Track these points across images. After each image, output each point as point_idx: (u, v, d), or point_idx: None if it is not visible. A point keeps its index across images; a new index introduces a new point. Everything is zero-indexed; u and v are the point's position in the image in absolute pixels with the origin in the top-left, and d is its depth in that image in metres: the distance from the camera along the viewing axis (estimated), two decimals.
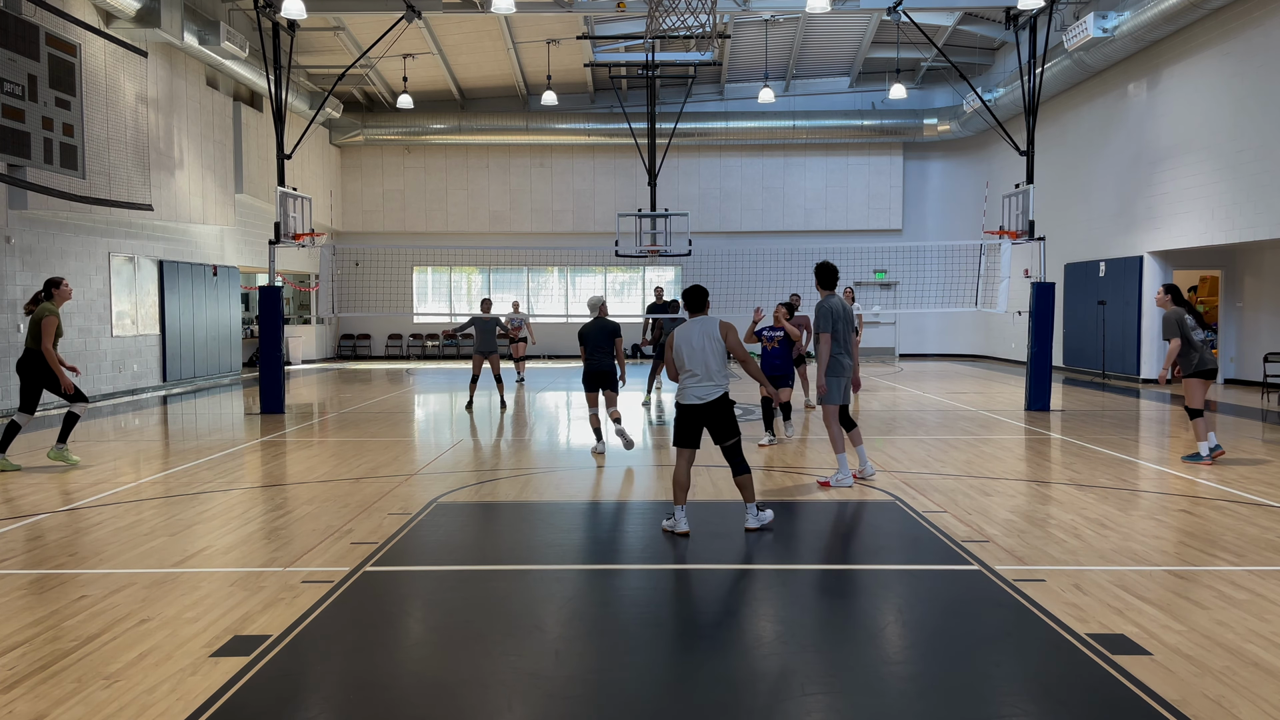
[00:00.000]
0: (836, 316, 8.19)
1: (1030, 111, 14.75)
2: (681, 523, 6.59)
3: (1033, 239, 14.48)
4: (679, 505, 6.64)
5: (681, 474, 6.67)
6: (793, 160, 27.57)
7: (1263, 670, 4.17)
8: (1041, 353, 14.16)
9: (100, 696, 3.93)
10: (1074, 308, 20.86)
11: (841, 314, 8.24)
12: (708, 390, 6.56)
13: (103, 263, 16.35)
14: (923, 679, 4.14)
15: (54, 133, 11.62)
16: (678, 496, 6.64)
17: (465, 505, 7.69)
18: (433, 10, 17.56)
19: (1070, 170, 21.29)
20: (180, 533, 6.75)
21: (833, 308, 8.19)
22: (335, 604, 5.13)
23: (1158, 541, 6.37)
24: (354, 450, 10.50)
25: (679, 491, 6.64)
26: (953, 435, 11.54)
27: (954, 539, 6.44)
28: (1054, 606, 5.00)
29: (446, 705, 3.91)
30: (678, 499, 6.64)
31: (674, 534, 6.59)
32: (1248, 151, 15.32)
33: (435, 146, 27.37)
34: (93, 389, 16.04)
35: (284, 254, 21.21)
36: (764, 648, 4.53)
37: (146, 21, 15.45)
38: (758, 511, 6.76)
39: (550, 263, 28.39)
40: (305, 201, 15.64)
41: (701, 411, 6.60)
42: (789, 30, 23.54)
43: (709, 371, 6.57)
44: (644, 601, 5.27)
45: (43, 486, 8.50)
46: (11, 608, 5.10)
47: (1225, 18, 15.76)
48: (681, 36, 12.77)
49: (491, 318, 15.05)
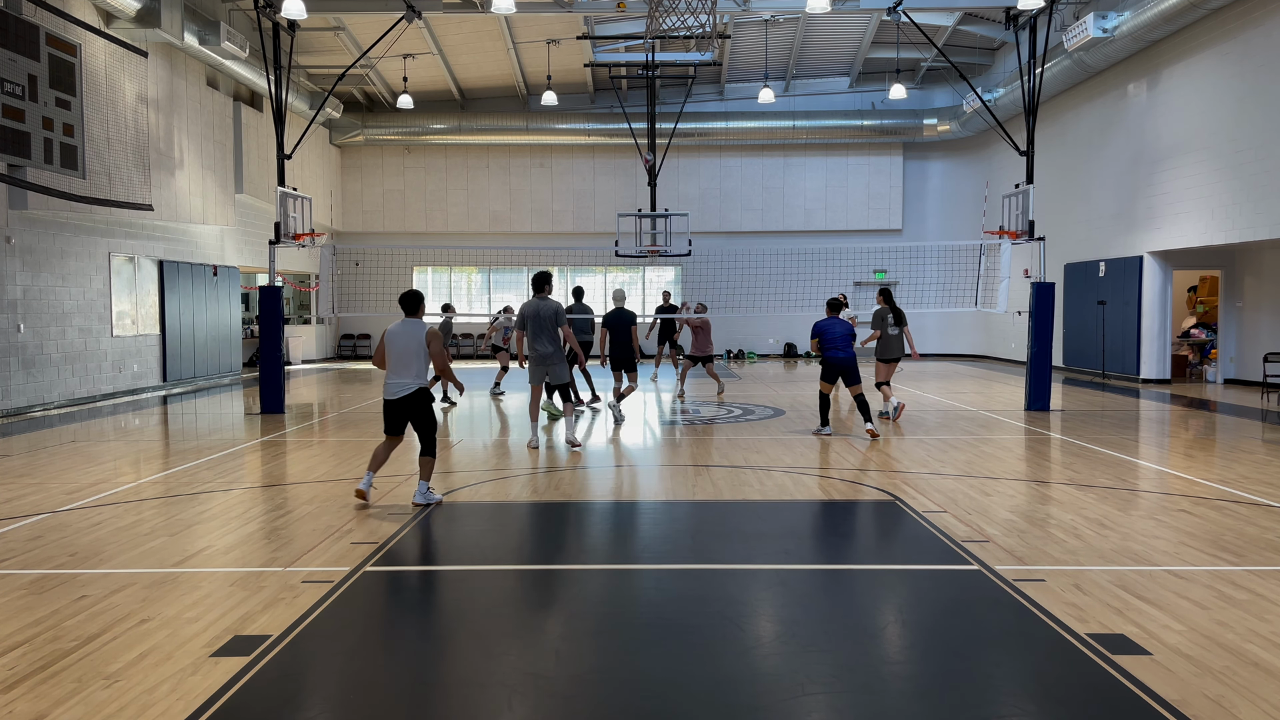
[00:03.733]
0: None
1: (1030, 111, 14.75)
2: (365, 481, 7.52)
3: (1032, 239, 14.48)
4: (369, 470, 7.61)
5: (381, 451, 7.71)
6: (793, 160, 27.57)
7: (1263, 670, 4.17)
8: (1041, 353, 14.16)
9: (100, 696, 3.93)
10: (1074, 308, 20.86)
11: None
12: (404, 386, 7.44)
13: (103, 263, 16.35)
14: (923, 679, 4.14)
15: (54, 133, 11.62)
16: (371, 464, 7.65)
17: (465, 505, 7.70)
18: (433, 10, 17.56)
19: (1070, 170, 21.29)
20: (180, 533, 6.75)
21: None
22: (335, 604, 5.13)
23: (1158, 541, 6.37)
24: (354, 450, 10.50)
25: (373, 461, 7.65)
26: (953, 435, 11.54)
27: (954, 539, 6.45)
28: (1054, 606, 5.00)
29: (446, 705, 3.91)
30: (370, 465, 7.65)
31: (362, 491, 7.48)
32: (1248, 151, 15.32)
33: (435, 146, 27.37)
34: (93, 389, 16.05)
35: (284, 254, 21.21)
36: (764, 648, 4.53)
37: (146, 21, 15.44)
38: (427, 490, 7.53)
39: (550, 263, 28.37)
40: (305, 201, 15.64)
41: (397, 406, 7.49)
42: (789, 30, 23.54)
43: (408, 369, 7.41)
44: (645, 601, 5.28)
45: (43, 486, 8.50)
46: (11, 608, 5.10)
47: (1225, 18, 15.76)
48: (681, 36, 12.78)
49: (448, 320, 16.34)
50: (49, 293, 14.89)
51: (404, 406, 7.49)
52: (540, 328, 10.17)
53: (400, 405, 7.49)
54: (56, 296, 15.08)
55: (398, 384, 7.46)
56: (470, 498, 7.98)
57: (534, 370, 10.42)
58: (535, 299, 10.28)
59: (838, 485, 8.43)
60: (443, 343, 7.57)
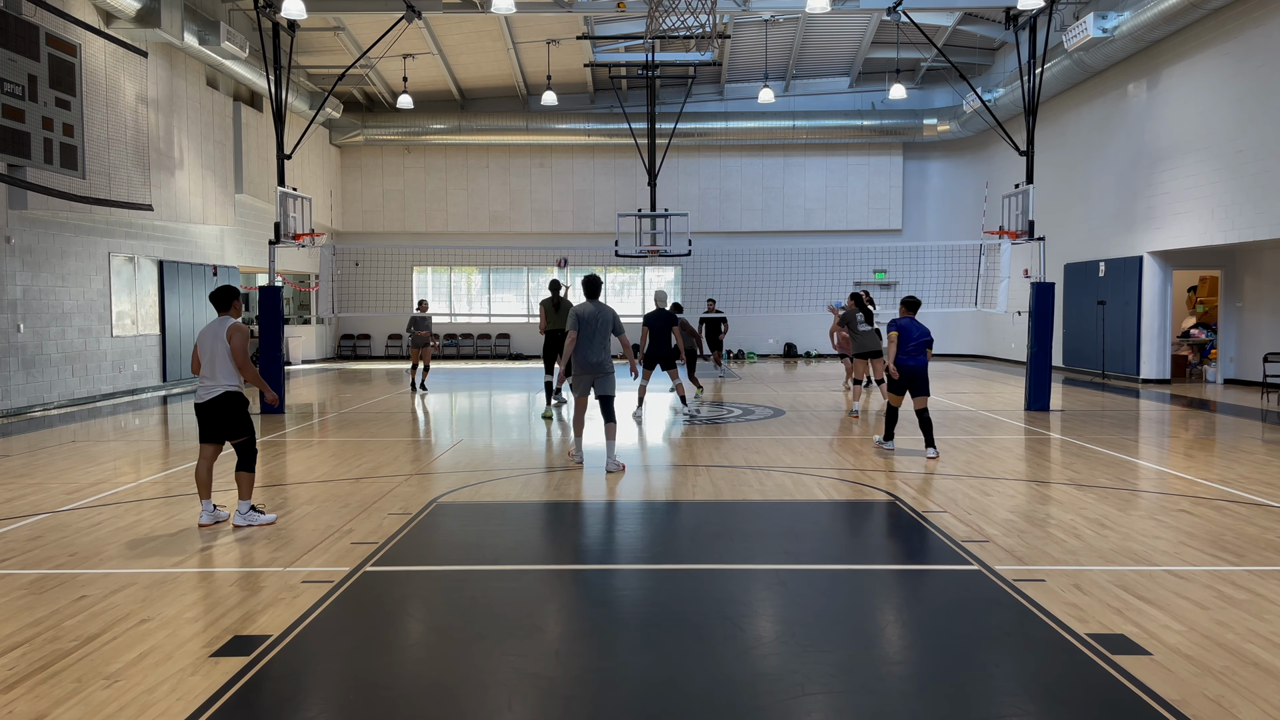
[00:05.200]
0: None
1: (1030, 111, 14.75)
2: (204, 513, 6.99)
3: (1032, 239, 14.48)
4: (202, 499, 7.05)
5: (201, 469, 7.06)
6: (793, 160, 27.56)
7: (1263, 670, 4.17)
8: (1041, 353, 14.16)
9: (100, 696, 3.93)
10: (1074, 308, 20.86)
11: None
12: (209, 389, 6.89)
13: (103, 263, 16.35)
14: (923, 679, 4.14)
15: (54, 133, 11.62)
16: (200, 491, 7.06)
17: (465, 505, 7.69)
18: (433, 10, 17.56)
19: (1070, 170, 21.29)
20: (180, 533, 6.75)
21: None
22: (335, 604, 5.13)
23: (1158, 541, 6.37)
24: (354, 450, 10.50)
25: (200, 487, 7.04)
26: (953, 435, 11.54)
27: (954, 539, 6.44)
28: (1054, 606, 5.00)
29: (446, 705, 3.91)
30: (200, 494, 7.06)
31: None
32: (1248, 151, 15.32)
33: (435, 146, 27.36)
34: (93, 389, 16.05)
35: (284, 254, 21.20)
36: (764, 648, 4.53)
37: (146, 21, 15.44)
38: (249, 509, 6.96)
39: (550, 263, 28.38)
40: (305, 201, 15.64)
41: (204, 410, 6.93)
42: (789, 30, 23.53)
43: (213, 370, 6.88)
44: (644, 601, 5.27)
45: (43, 486, 8.50)
46: (11, 608, 5.10)
47: (1225, 18, 15.76)
48: (681, 36, 12.78)
49: (426, 316, 16.81)
50: (49, 293, 14.89)
51: (210, 411, 6.89)
52: (594, 333, 9.11)
53: (207, 410, 6.89)
54: (56, 296, 15.08)
55: (204, 386, 6.89)
56: (470, 498, 7.98)
57: (579, 380, 9.28)
58: (591, 303, 9.21)
59: (838, 485, 8.43)
60: (245, 340, 6.90)
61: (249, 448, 6.95)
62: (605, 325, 9.10)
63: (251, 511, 6.96)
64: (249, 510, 6.95)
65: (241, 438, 6.94)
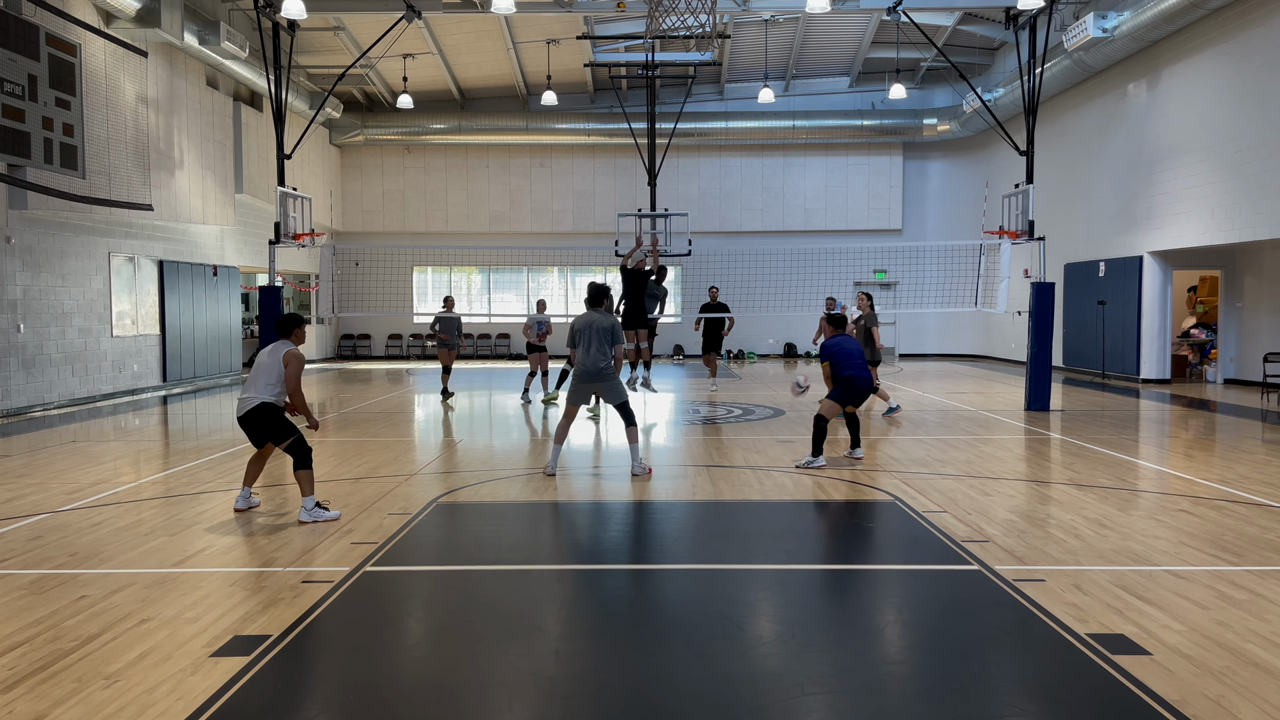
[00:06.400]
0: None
1: (1030, 111, 14.75)
2: (240, 498, 7.40)
3: (1032, 239, 14.48)
4: (244, 485, 7.42)
5: (252, 460, 7.48)
6: (792, 160, 27.57)
7: (1263, 670, 4.17)
8: (1041, 353, 14.16)
9: (100, 696, 3.93)
10: (1074, 308, 20.86)
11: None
12: (246, 401, 7.15)
13: (103, 263, 16.35)
14: (923, 679, 4.14)
15: (54, 133, 11.62)
16: (245, 479, 7.44)
17: (465, 505, 7.69)
18: (433, 10, 17.56)
19: (1070, 170, 21.29)
20: (180, 533, 6.75)
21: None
22: (335, 604, 5.13)
23: (1158, 541, 6.37)
24: (354, 450, 10.50)
25: (246, 474, 7.43)
26: (953, 435, 11.54)
27: (954, 539, 6.44)
28: (1054, 606, 5.00)
29: (446, 705, 3.91)
30: (245, 480, 7.44)
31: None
32: (1248, 151, 15.32)
33: (435, 146, 27.37)
34: (93, 389, 16.05)
35: (284, 254, 21.19)
36: (764, 648, 4.53)
37: (146, 21, 15.44)
38: (313, 506, 7.06)
39: (550, 263, 28.39)
40: (305, 201, 15.64)
41: (244, 421, 7.19)
42: (789, 30, 23.54)
43: (255, 385, 7.16)
44: (644, 601, 5.28)
45: (43, 486, 8.50)
46: (11, 608, 5.10)
47: (1225, 18, 15.76)
48: (681, 36, 12.77)
49: (454, 316, 16.19)
50: (49, 293, 14.89)
51: (250, 422, 7.14)
52: (589, 342, 8.90)
53: (246, 422, 7.15)
54: (56, 296, 15.08)
55: (242, 400, 7.16)
56: (470, 498, 7.97)
57: (577, 390, 9.02)
58: (588, 313, 9.07)
59: (838, 485, 8.43)
60: (300, 366, 7.25)
61: (299, 447, 7.11)
62: (602, 334, 8.88)
63: (317, 508, 7.07)
64: (314, 507, 7.06)
65: (286, 440, 7.12)
